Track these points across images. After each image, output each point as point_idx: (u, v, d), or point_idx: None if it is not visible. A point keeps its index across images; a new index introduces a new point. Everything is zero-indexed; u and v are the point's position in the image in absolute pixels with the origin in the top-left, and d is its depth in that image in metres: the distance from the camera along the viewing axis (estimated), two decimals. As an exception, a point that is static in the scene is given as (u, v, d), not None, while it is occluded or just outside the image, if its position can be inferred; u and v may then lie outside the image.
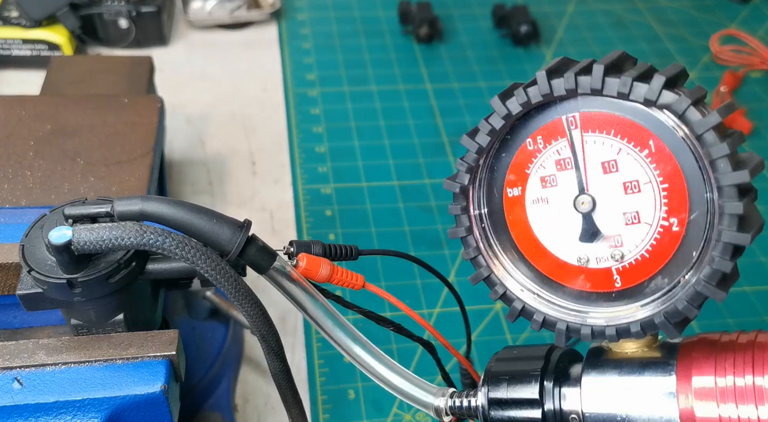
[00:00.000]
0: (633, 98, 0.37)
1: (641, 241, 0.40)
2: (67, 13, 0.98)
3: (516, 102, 0.40)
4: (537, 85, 0.39)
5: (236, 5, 1.10)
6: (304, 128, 0.98)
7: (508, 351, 0.47)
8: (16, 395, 0.44)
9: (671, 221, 0.39)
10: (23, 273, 0.45)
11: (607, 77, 0.37)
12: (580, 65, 0.39)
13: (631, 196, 0.40)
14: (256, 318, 0.43)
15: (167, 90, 0.91)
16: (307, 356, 0.72)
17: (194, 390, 0.64)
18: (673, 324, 0.39)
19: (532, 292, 0.44)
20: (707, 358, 0.39)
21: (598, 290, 0.43)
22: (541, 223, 0.44)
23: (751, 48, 1.11)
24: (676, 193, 0.39)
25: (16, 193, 0.61)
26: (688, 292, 0.38)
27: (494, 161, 0.44)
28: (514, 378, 0.44)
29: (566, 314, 0.43)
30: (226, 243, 0.43)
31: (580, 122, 0.41)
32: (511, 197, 0.44)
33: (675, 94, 0.36)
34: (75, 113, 0.69)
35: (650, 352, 0.41)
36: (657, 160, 0.39)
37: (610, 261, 0.42)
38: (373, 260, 0.80)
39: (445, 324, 0.75)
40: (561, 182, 0.42)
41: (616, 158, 0.40)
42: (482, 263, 0.45)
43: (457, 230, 0.45)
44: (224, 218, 0.43)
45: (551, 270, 0.44)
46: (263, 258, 0.44)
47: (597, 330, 0.41)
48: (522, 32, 1.11)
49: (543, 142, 0.42)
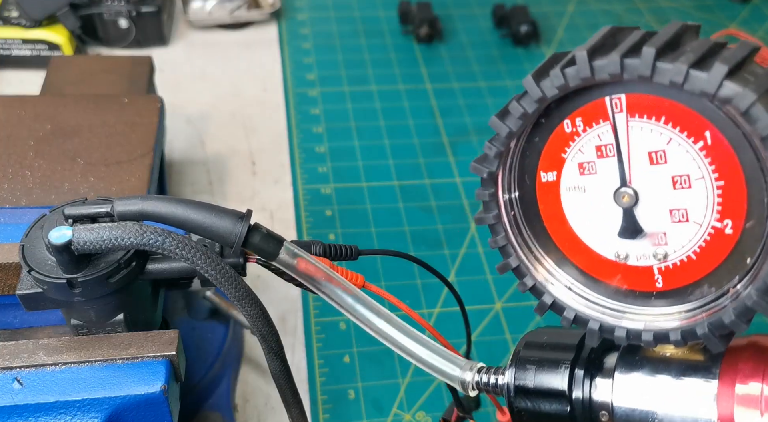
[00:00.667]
0: (688, 89, 0.32)
1: (688, 241, 0.37)
2: (67, 13, 0.98)
3: (551, 84, 0.35)
4: (576, 65, 0.34)
5: (236, 5, 1.10)
6: (304, 128, 0.98)
7: (538, 334, 0.44)
8: (16, 395, 0.44)
9: (724, 223, 0.35)
10: (23, 273, 0.45)
11: (659, 62, 0.32)
12: (628, 43, 0.33)
13: (681, 191, 0.36)
14: (256, 317, 0.43)
15: (167, 90, 0.91)
16: (307, 356, 0.72)
17: (194, 390, 0.64)
18: (717, 336, 0.35)
19: (564, 286, 0.41)
20: (755, 368, 0.36)
21: (637, 289, 0.39)
22: (577, 213, 0.40)
23: (751, 48, 1.11)
24: (733, 193, 0.35)
25: (16, 193, 0.61)
26: (737, 305, 0.34)
27: (526, 144, 0.40)
28: (542, 365, 0.41)
29: (601, 312, 0.40)
30: (228, 235, 0.43)
31: (626, 105, 0.36)
32: (545, 182, 0.40)
33: (739, 86, 0.30)
34: (75, 113, 0.69)
35: (692, 354, 0.38)
36: (713, 154, 0.34)
37: (651, 260, 0.38)
38: (373, 260, 0.80)
39: (445, 324, 0.75)
40: (601, 170, 0.38)
41: (665, 148, 0.36)
42: (511, 253, 0.41)
43: (485, 216, 0.41)
44: (224, 210, 0.43)
45: (586, 264, 0.41)
46: (270, 245, 0.43)
47: (633, 333, 0.38)
48: (522, 32, 1.11)
49: (583, 124, 0.38)
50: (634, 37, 0.34)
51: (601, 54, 0.34)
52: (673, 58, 0.32)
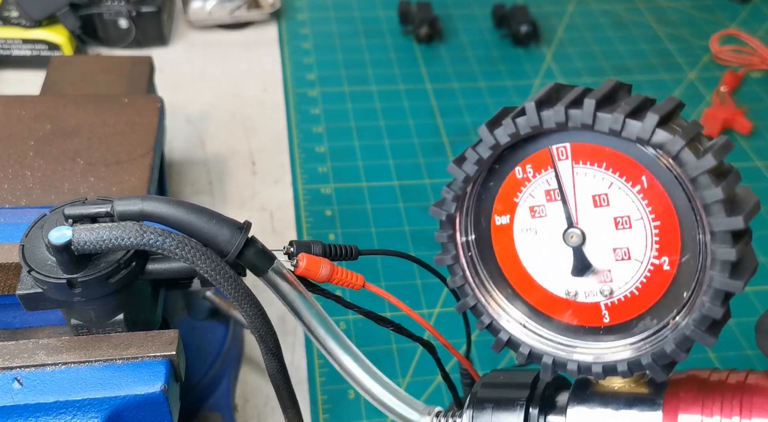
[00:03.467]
0: (625, 136, 0.35)
1: (631, 278, 0.39)
2: (67, 13, 0.98)
3: (504, 132, 0.38)
4: (526, 116, 0.38)
5: (236, 5, 1.10)
6: (304, 128, 0.98)
7: (495, 375, 0.46)
8: (16, 395, 0.44)
9: (662, 260, 0.38)
10: (23, 273, 0.45)
11: (599, 112, 0.35)
12: (570, 97, 0.37)
13: (623, 231, 0.39)
14: (254, 318, 0.43)
15: (167, 90, 0.91)
16: (307, 356, 0.72)
17: (194, 390, 0.64)
18: (660, 366, 0.38)
19: (519, 323, 0.43)
20: (695, 398, 0.38)
21: (587, 324, 0.42)
22: (530, 253, 0.42)
23: (751, 48, 1.11)
24: (668, 232, 0.38)
25: (16, 193, 0.61)
26: (676, 335, 0.37)
27: (482, 189, 0.43)
28: (499, 404, 0.43)
29: (553, 347, 0.42)
30: (225, 244, 0.43)
31: (571, 153, 0.39)
32: (499, 225, 0.43)
33: (669, 134, 0.34)
34: (75, 113, 0.69)
35: (638, 388, 0.41)
36: (649, 196, 0.37)
37: (599, 296, 0.41)
38: (373, 260, 0.80)
39: (445, 324, 0.75)
40: (550, 213, 0.41)
41: (607, 191, 0.39)
42: (469, 292, 0.43)
43: (444, 257, 0.43)
44: (224, 218, 0.43)
45: (539, 302, 0.43)
46: (261, 261, 0.44)
47: (584, 366, 0.40)
48: (522, 32, 1.11)
49: (533, 171, 0.41)
50: (575, 92, 0.37)
51: (547, 106, 0.37)
52: (611, 109, 0.35)
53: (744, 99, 1.05)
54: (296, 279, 0.46)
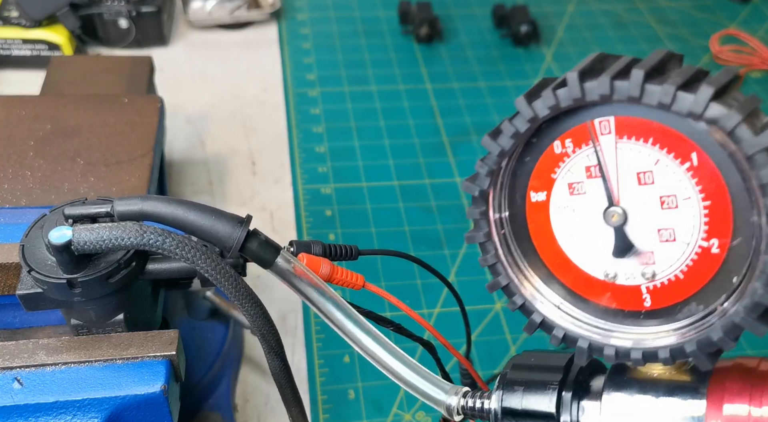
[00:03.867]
0: (676, 110, 0.33)
1: (676, 261, 0.37)
2: (67, 13, 0.98)
3: (543, 105, 0.36)
4: (567, 87, 0.35)
5: (236, 5, 1.10)
6: (304, 128, 0.98)
7: (526, 356, 0.44)
8: (16, 395, 0.44)
9: (711, 243, 0.36)
10: (23, 273, 0.45)
11: (648, 84, 0.33)
12: (617, 67, 0.35)
13: (668, 211, 0.37)
14: (256, 317, 0.43)
15: (167, 90, 0.91)
16: (307, 356, 0.72)
17: (194, 390, 0.64)
18: (705, 354, 0.36)
19: (553, 305, 0.41)
20: (742, 387, 0.36)
21: (626, 308, 0.40)
22: (567, 233, 0.40)
23: (751, 48, 1.11)
24: (719, 213, 0.35)
25: (16, 193, 0.61)
26: (724, 322, 0.35)
27: (517, 164, 0.40)
28: (530, 387, 0.41)
29: (589, 331, 0.40)
30: (226, 239, 0.43)
31: (615, 127, 0.37)
32: (535, 202, 0.41)
33: (724, 108, 0.32)
34: (75, 113, 0.69)
35: (679, 375, 0.38)
36: (699, 175, 0.35)
37: (640, 279, 0.39)
38: (373, 260, 0.80)
39: (445, 324, 0.75)
40: (590, 190, 0.39)
41: (652, 169, 0.36)
42: (501, 271, 0.42)
43: (476, 234, 0.41)
44: (224, 214, 0.43)
45: (575, 283, 0.41)
46: (266, 252, 0.44)
47: (621, 352, 0.38)
48: (522, 32, 1.11)
49: (572, 145, 0.38)
50: (622, 62, 0.35)
51: (591, 76, 0.35)
52: (661, 81, 0.33)
53: (744, 99, 1.05)
54: (305, 268, 0.45)
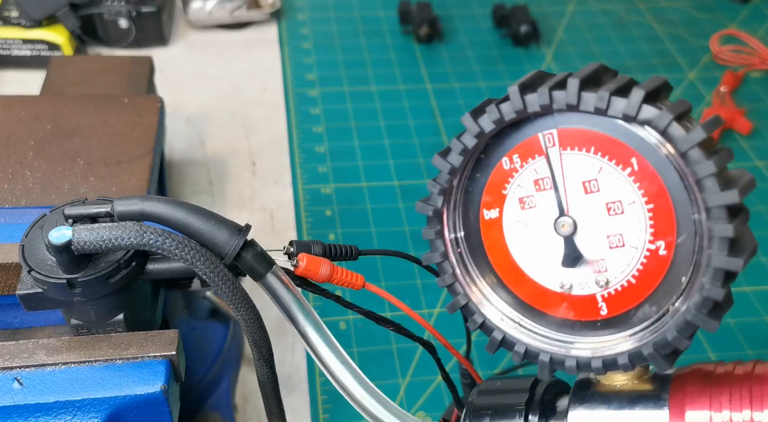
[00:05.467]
0: (611, 114, 0.34)
1: (627, 266, 0.38)
2: (67, 13, 0.98)
3: (489, 119, 0.37)
4: (510, 101, 0.37)
5: (236, 5, 1.10)
6: (304, 128, 0.98)
7: (492, 382, 0.45)
8: (16, 395, 0.44)
9: (658, 245, 0.37)
10: (23, 273, 0.45)
11: (584, 92, 0.34)
12: (555, 79, 0.36)
13: (615, 217, 0.38)
14: (250, 322, 0.43)
15: (167, 90, 0.91)
16: (307, 356, 0.72)
17: (194, 390, 0.64)
18: (662, 355, 0.36)
19: (513, 321, 0.42)
20: (701, 392, 0.37)
21: (583, 318, 0.40)
22: (521, 247, 0.41)
23: (751, 48, 1.11)
24: (663, 214, 0.36)
25: (16, 193, 0.61)
26: (677, 321, 0.35)
27: (469, 181, 0.41)
28: (497, 412, 0.42)
29: (550, 344, 0.40)
30: (223, 245, 0.43)
31: (558, 139, 0.38)
32: (488, 219, 0.41)
33: (656, 109, 0.33)
34: (75, 113, 0.69)
35: (641, 385, 0.39)
36: (641, 179, 0.36)
37: (594, 287, 0.39)
38: (373, 260, 0.80)
39: (445, 324, 0.75)
40: (540, 203, 0.40)
41: (597, 176, 0.37)
42: (459, 291, 0.42)
43: (432, 255, 0.42)
44: (224, 220, 0.43)
45: (532, 297, 0.41)
46: (260, 264, 0.44)
47: (582, 362, 0.39)
48: (522, 32, 1.11)
49: (520, 160, 0.40)
50: (560, 76, 0.36)
51: (531, 89, 0.36)
52: (595, 88, 0.35)
53: (744, 99, 1.05)
54: (294, 285, 0.45)
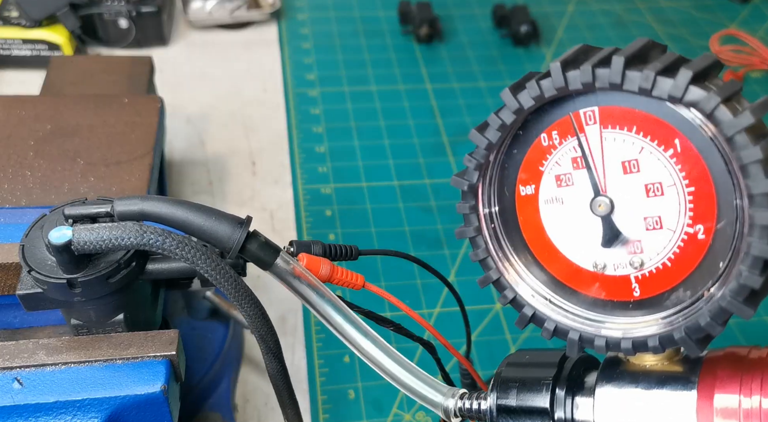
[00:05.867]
0: (656, 94, 0.33)
1: (663, 248, 0.37)
2: (67, 13, 0.98)
3: (528, 95, 0.37)
4: (551, 77, 0.36)
5: (236, 5, 1.10)
6: (304, 128, 0.98)
7: (520, 355, 0.44)
8: (16, 395, 0.44)
9: (696, 229, 0.36)
10: (23, 273, 0.45)
11: (629, 70, 0.33)
12: (599, 56, 0.35)
13: (654, 199, 0.37)
14: (255, 318, 0.43)
15: (167, 90, 0.91)
16: (307, 356, 0.72)
17: (194, 390, 0.64)
18: (694, 340, 0.36)
19: (544, 297, 0.42)
20: (732, 376, 0.36)
21: (615, 298, 0.40)
22: (556, 224, 0.41)
23: (751, 48, 1.11)
24: (703, 198, 0.36)
25: (16, 193, 0.61)
26: (712, 307, 0.35)
27: (505, 157, 0.41)
28: (524, 384, 0.41)
29: (580, 322, 0.40)
30: (226, 240, 0.43)
31: (599, 117, 0.37)
32: (524, 195, 0.41)
33: (703, 91, 0.32)
34: (75, 113, 0.69)
35: (671, 366, 0.39)
36: (683, 161, 0.36)
37: (628, 269, 0.39)
38: (373, 260, 0.80)
39: (445, 324, 0.75)
40: (577, 181, 0.39)
41: (637, 157, 0.37)
42: (491, 266, 0.42)
43: (466, 229, 0.42)
44: (224, 215, 0.43)
45: (565, 275, 0.41)
46: (266, 254, 0.44)
47: (612, 342, 0.38)
48: (522, 32, 1.11)
49: (559, 137, 0.39)
50: (604, 52, 0.36)
51: (573, 66, 0.35)
52: (641, 67, 0.34)
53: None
54: (304, 269, 0.45)
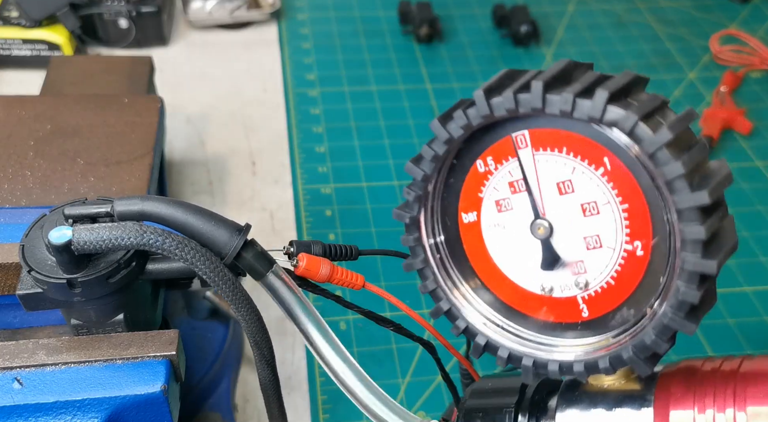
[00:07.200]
0: (577, 116, 0.33)
1: (605, 267, 0.38)
2: (67, 13, 0.98)
3: (457, 125, 0.37)
4: (476, 106, 0.36)
5: (236, 5, 1.10)
6: (304, 128, 0.98)
7: (484, 382, 0.45)
8: (16, 395, 0.44)
9: (635, 245, 0.36)
10: (23, 273, 0.45)
11: (548, 94, 0.34)
12: (521, 81, 0.35)
13: (591, 218, 0.37)
14: (251, 323, 0.43)
15: (167, 90, 0.91)
16: (307, 356, 0.72)
17: (194, 390, 0.64)
18: (642, 359, 0.36)
19: (495, 324, 0.41)
20: (686, 391, 0.36)
21: (565, 321, 0.40)
22: (500, 250, 0.41)
23: (751, 48, 1.11)
24: (638, 215, 0.36)
25: (16, 193, 0.61)
26: (655, 324, 0.35)
27: (444, 187, 0.41)
28: (488, 413, 0.42)
29: (532, 348, 0.40)
30: (223, 246, 0.43)
31: (530, 140, 0.37)
32: (467, 223, 0.41)
33: (622, 109, 0.32)
34: (75, 113, 0.69)
35: (628, 384, 0.38)
36: (614, 179, 0.36)
37: (574, 289, 0.39)
38: (373, 260, 0.80)
39: (445, 324, 0.74)
40: (516, 205, 0.39)
41: (571, 177, 0.37)
42: (441, 296, 0.42)
43: (413, 261, 0.42)
44: (223, 220, 0.43)
45: (514, 300, 0.41)
46: (260, 264, 0.44)
47: (565, 366, 0.38)
48: (522, 32, 1.11)
49: (494, 163, 0.39)
50: (527, 76, 0.36)
51: (496, 93, 0.36)
52: (561, 90, 0.34)
53: (744, 99, 1.05)
54: (295, 284, 0.45)
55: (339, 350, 0.45)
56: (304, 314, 0.45)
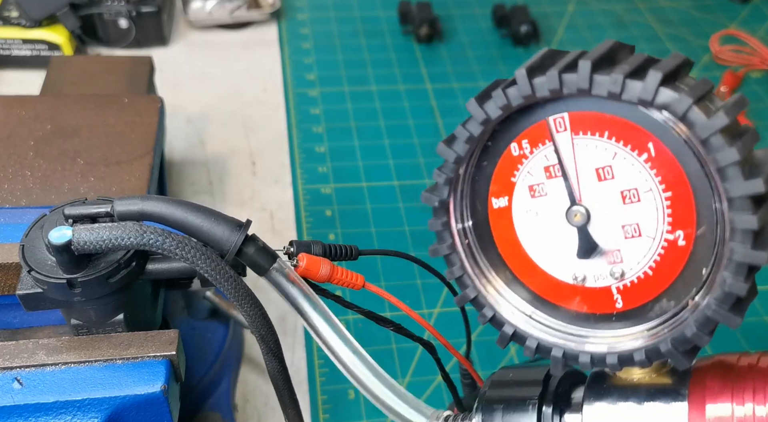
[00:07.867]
0: (626, 98, 0.32)
1: (643, 257, 0.36)
2: (67, 13, 0.98)
3: (495, 105, 0.35)
4: (517, 85, 0.34)
5: (236, 5, 1.10)
6: (304, 128, 0.98)
7: (504, 373, 0.43)
8: (16, 395, 0.44)
9: (676, 235, 0.35)
10: (23, 273, 0.45)
11: (596, 74, 0.32)
12: (565, 60, 0.34)
13: (631, 206, 0.36)
14: (255, 318, 0.43)
15: (167, 90, 0.91)
16: (307, 356, 0.72)
17: (194, 390, 0.64)
18: (681, 352, 0.34)
19: (524, 314, 0.40)
20: (723, 385, 0.35)
21: (598, 311, 0.38)
22: (532, 237, 0.39)
23: (751, 48, 1.11)
24: (681, 203, 0.34)
25: (16, 193, 0.61)
26: (697, 317, 0.33)
27: (476, 170, 0.39)
28: (510, 405, 0.40)
29: (563, 338, 0.39)
30: (224, 242, 0.43)
31: (570, 124, 0.36)
32: (497, 208, 0.40)
33: (675, 92, 0.31)
34: (75, 113, 0.69)
35: (659, 378, 0.37)
36: (658, 165, 0.34)
37: (609, 279, 0.37)
38: (373, 260, 0.80)
39: (445, 324, 0.75)
40: (551, 191, 0.38)
41: (611, 163, 0.35)
42: (468, 284, 0.40)
43: (439, 247, 0.40)
44: (224, 217, 0.43)
45: (545, 290, 0.40)
46: (263, 259, 0.44)
47: (597, 357, 0.37)
48: (522, 32, 1.11)
49: (530, 146, 0.37)
50: (571, 56, 0.34)
51: (540, 72, 0.34)
52: (609, 70, 0.32)
53: (744, 99, 1.05)
54: (299, 277, 0.45)
55: (348, 341, 0.44)
56: (310, 307, 0.44)
